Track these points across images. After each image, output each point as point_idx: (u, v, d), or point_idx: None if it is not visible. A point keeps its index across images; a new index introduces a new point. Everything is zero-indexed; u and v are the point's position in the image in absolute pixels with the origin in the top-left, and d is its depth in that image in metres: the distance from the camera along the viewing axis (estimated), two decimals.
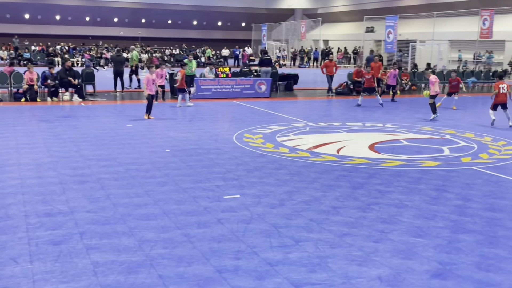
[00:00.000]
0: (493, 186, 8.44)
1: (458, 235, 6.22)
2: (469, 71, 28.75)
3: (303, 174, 9.05)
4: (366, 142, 12.08)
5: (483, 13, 31.55)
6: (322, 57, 46.51)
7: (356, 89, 23.13)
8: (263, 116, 16.03)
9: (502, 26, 35.26)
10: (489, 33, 31.15)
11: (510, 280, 5.04)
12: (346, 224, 6.57)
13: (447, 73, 27.64)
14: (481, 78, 27.70)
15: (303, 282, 4.95)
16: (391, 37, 35.62)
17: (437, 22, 37.04)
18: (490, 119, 14.70)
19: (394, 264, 5.39)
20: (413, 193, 7.96)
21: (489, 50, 37.54)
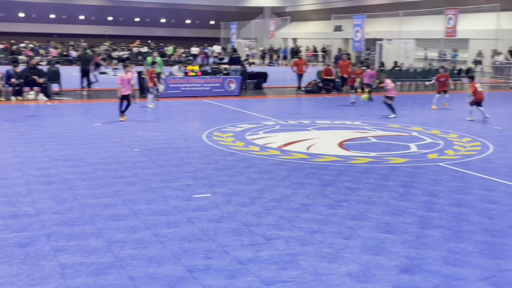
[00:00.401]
0: (458, 182, 8.62)
1: (425, 231, 6.33)
2: (435, 69, 29.26)
3: (274, 172, 9.08)
4: (335, 139, 12.18)
5: (448, 12, 32.17)
6: (291, 55, 46.71)
7: (325, 87, 23.33)
8: (233, 114, 16.00)
9: (466, 25, 36.03)
10: (454, 32, 31.79)
11: (476, 274, 5.16)
12: (316, 221, 6.61)
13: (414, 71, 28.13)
14: None
15: (274, 280, 4.96)
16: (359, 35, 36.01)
17: (404, 21, 37.62)
18: (469, 117, 15.29)
19: (364, 260, 5.45)
20: (381, 190, 8.07)
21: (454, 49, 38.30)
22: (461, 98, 21.29)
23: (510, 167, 9.67)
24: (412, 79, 27.45)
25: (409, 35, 39.44)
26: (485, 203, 7.47)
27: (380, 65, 31.33)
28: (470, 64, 35.62)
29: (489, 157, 10.52)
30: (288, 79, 30.39)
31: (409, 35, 39.31)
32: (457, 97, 23.05)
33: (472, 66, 34.61)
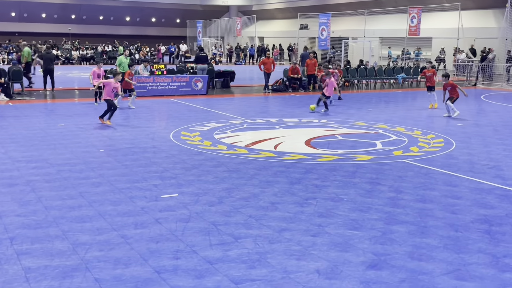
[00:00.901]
0: (423, 178, 8.78)
1: (391, 226, 6.42)
2: (399, 67, 29.77)
3: (242, 171, 9.07)
4: (302, 137, 12.25)
5: (411, 11, 32.75)
6: (258, 54, 46.79)
7: (292, 86, 23.44)
8: (200, 113, 15.92)
9: (429, 23, 36.78)
10: (417, 30, 32.38)
11: (440, 268, 5.26)
12: (284, 219, 6.64)
13: (379, 69, 28.54)
14: (410, 73, 28.74)
15: (243, 279, 4.96)
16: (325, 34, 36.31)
17: (368, 19, 38.12)
18: (453, 113, 15.57)
19: (332, 257, 5.49)
20: (348, 187, 8.15)
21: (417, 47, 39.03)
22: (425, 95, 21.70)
23: (473, 162, 9.91)
24: (377, 77, 27.84)
25: (374, 34, 40.03)
26: (449, 198, 7.63)
27: (345, 63, 31.66)
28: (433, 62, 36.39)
29: (452, 153, 10.75)
30: (255, 77, 30.46)
31: (373, 33, 39.90)
32: (421, 94, 23.50)
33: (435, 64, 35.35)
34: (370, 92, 24.04)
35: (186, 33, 56.55)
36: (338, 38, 42.26)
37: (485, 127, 14.16)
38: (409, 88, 26.19)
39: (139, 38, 56.60)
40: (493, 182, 8.54)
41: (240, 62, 47.24)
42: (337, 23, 43.74)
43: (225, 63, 46.45)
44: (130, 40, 53.35)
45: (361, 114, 16.24)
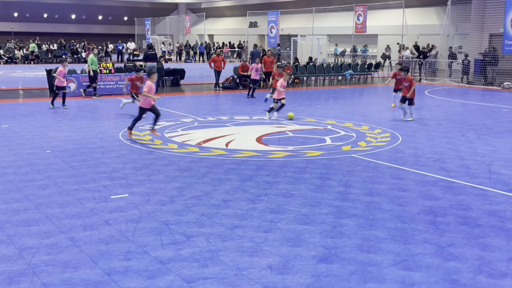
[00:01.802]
0: (371, 172, 8.99)
1: (341, 220, 6.55)
2: (347, 64, 30.34)
3: (193, 169, 9.03)
4: (253, 135, 12.31)
5: (357, 9, 33.40)
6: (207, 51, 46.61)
7: (243, 83, 23.48)
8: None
9: (375, 21, 37.62)
10: (363, 28, 33.07)
11: (389, 259, 5.41)
12: (236, 216, 6.65)
13: (327, 66, 28.98)
14: (358, 70, 29.34)
15: (196, 278, 4.94)
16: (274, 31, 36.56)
17: (316, 17, 38.61)
18: (408, 116, 14.73)
19: (283, 252, 5.55)
20: (299, 182, 8.25)
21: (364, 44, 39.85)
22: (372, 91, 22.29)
23: (418, 156, 10.22)
24: (326, 74, 28.27)
25: (322, 31, 40.60)
26: (396, 191, 7.85)
27: (294, 60, 31.98)
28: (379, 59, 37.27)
29: (398, 147, 11.05)
30: (205, 75, 30.32)
31: (321, 31, 40.46)
32: (368, 90, 24.04)
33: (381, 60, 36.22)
34: (319, 89, 24.38)
35: (134, 31, 55.64)
36: (287, 35, 42.64)
37: (429, 121, 14.62)
38: (356, 85, 26.72)
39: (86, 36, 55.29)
40: (437, 174, 8.84)
41: (190, 60, 46.92)
42: (286, 20, 44.11)
43: (175, 61, 46.04)
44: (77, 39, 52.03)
45: (311, 111, 16.46)
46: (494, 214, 6.83)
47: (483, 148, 10.99)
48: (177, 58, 47.68)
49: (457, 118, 15.19)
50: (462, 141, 11.68)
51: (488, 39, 30.11)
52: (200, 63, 45.16)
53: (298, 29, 44.32)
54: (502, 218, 6.67)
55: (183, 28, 50.62)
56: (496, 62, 26.70)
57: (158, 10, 58.31)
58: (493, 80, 26.16)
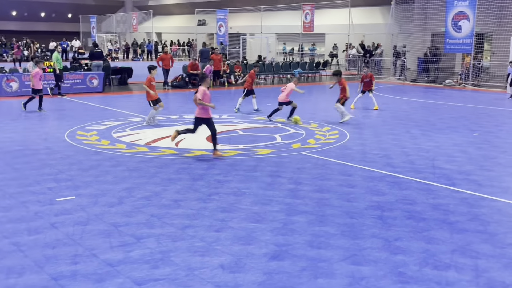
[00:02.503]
0: (320, 169, 9.12)
1: (292, 217, 6.61)
2: (295, 63, 30.63)
3: (142, 169, 8.89)
4: (204, 134, 12.22)
5: (304, 8, 33.79)
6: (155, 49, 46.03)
7: (192, 82, 23.31)
8: (96, 112, 15.37)
9: (322, 20, 38.16)
10: (311, 27, 33.50)
11: (338, 254, 5.50)
12: (187, 216, 6.60)
13: (276, 64, 29.17)
14: (306, 68, 29.68)
15: (146, 279, 4.87)
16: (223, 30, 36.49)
17: (264, 16, 38.79)
18: (343, 116, 14.08)
19: (235, 250, 5.55)
20: (250, 181, 8.27)
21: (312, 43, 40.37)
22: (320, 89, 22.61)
23: (365, 152, 10.45)
24: (275, 73, 28.45)
25: (270, 30, 40.81)
26: (344, 187, 7.99)
27: (242, 59, 32.04)
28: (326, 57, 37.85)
29: (346, 144, 11.26)
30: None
31: (270, 29, 40.67)
32: (316, 88, 24.37)
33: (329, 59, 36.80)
34: (269, 87, 24.52)
35: (79, 28, 54.24)
36: (236, 34, 42.64)
37: (376, 118, 14.97)
38: (305, 83, 27.03)
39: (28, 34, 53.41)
40: (384, 170, 9.06)
41: (138, 58, 46.18)
42: (234, 19, 44.08)
43: (122, 59, 45.19)
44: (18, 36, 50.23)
45: (261, 109, 16.52)
46: (438, 207, 7.06)
47: (427, 144, 11.34)
48: (124, 57, 46.82)
49: (402, 115, 15.62)
50: (407, 138, 12.02)
51: (430, 38, 31.14)
52: (149, 61, 44.51)
53: (247, 27, 44.42)
54: (446, 211, 6.91)
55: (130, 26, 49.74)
56: (439, 61, 27.62)
57: (103, 8, 57.05)
58: (435, 78, 27.05)
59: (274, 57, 37.28)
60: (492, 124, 14.04)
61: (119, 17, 53.78)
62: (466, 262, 5.31)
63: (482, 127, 13.48)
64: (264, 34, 37.92)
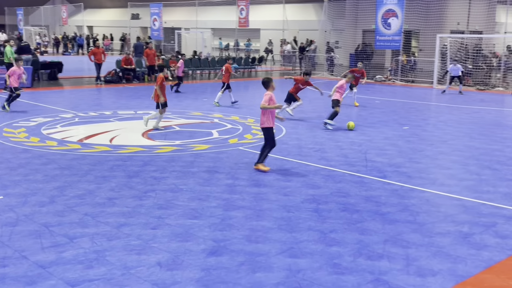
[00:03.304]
0: None
1: (229, 212, 6.62)
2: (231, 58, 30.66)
3: (75, 167, 8.62)
4: (139, 129, 12.02)
5: (239, 3, 33.85)
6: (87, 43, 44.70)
7: (126, 77, 22.83)
8: (25, 107, 14.75)
9: (257, 15, 38.37)
10: (246, 22, 33.61)
11: (276, 248, 5.56)
12: (123, 214, 6.47)
13: (212, 59, 29.06)
14: (242, 64, 29.77)
15: (80, 280, 4.73)
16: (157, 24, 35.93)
17: (200, 10, 38.56)
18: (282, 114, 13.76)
19: (173, 248, 5.50)
20: (187, 177, 8.21)
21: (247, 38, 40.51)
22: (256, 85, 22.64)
23: (300, 147, 10.62)
24: (211, 68, 28.34)
25: (206, 25, 40.61)
26: (281, 181, 8.09)
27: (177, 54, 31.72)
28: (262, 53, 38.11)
29: (282, 139, 11.39)
30: (86, 68, 29.06)
31: (205, 24, 40.47)
32: (252, 84, 24.49)
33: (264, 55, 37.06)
34: (205, 82, 24.40)
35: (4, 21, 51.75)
36: (171, 28, 42.10)
37: (310, 113, 15.24)
38: (241, 78, 27.11)
39: None
40: (318, 164, 9.24)
41: (69, 52, 44.67)
42: (169, 13, 43.51)
43: (52, 53, 43.56)
44: None
45: (197, 104, 16.43)
46: (371, 199, 7.29)
47: (359, 138, 11.67)
48: (54, 51, 45.16)
49: None
50: (340, 132, 12.31)
51: (361, 35, 32.02)
52: (80, 55, 43.15)
53: (182, 22, 43.96)
54: (378, 203, 7.14)
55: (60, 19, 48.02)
56: (370, 57, 28.44)
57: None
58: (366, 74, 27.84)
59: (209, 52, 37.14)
60: (420, 118, 14.64)
61: (48, 9, 51.78)
62: (397, 251, 5.52)
63: (411, 121, 14.03)
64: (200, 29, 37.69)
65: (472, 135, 12.10)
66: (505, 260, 5.35)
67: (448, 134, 12.19)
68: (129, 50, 35.48)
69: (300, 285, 4.73)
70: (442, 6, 27.94)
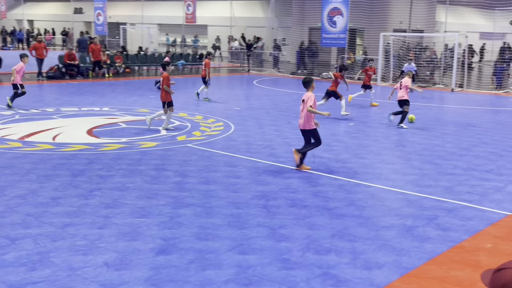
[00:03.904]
0: (206, 160, 9.14)
1: (178, 210, 6.56)
2: (178, 54, 30.34)
3: (16, 166, 8.31)
4: (83, 127, 11.72)
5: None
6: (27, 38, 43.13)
7: (69, 72, 22.20)
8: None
9: (205, 12, 38.15)
10: (193, 18, 33.34)
11: (226, 245, 5.56)
12: (68, 214, 6.29)
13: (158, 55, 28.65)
14: (189, 60, 29.52)
15: (23, 283, 4.57)
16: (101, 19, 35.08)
17: (145, 5, 37.93)
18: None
19: (120, 247, 5.40)
20: (134, 175, 8.07)
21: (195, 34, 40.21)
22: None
23: (249, 143, 10.65)
24: (157, 64, 27.94)
25: (152, 20, 40.03)
26: (230, 178, 8.09)
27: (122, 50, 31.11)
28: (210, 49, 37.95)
29: (231, 135, 11.39)
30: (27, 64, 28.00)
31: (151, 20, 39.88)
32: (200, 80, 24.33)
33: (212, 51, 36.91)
34: (152, 79, 24.04)
35: None
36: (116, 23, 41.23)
37: (259, 110, 15.31)
38: (189, 75, 26.89)
39: None
40: (267, 160, 9.30)
41: (8, 47, 42.98)
42: (113, 8, 42.59)
43: None
44: None
45: (144, 101, 16.18)
46: (318, 195, 7.40)
47: None
48: None
49: (283, 107, 16.13)
50: (288, 128, 12.43)
51: (308, 32, 32.42)
52: (20, 50, 41.58)
53: (127, 17, 43.15)
54: (325, 198, 7.26)
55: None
56: (316, 54, 28.84)
57: None
58: (313, 71, 28.22)
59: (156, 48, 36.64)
60: (365, 115, 14.98)
61: None
62: (344, 245, 5.63)
63: (356, 118, 14.34)
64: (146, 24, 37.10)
65: (414, 131, 12.49)
66: (447, 252, 5.56)
67: (392, 130, 12.54)
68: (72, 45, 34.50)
69: (250, 281, 4.75)
70: (385, 5, 28.70)
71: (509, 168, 9.08)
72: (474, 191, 7.71)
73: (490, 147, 10.81)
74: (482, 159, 9.69)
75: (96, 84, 20.11)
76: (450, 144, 11.10)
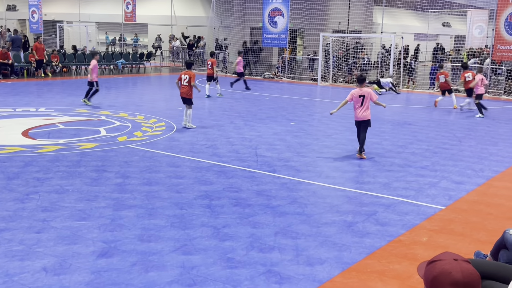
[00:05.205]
0: (148, 161, 9.02)
1: (120, 212, 6.45)
2: (118, 53, 29.74)
3: None
4: (18, 128, 11.30)
5: None
6: None
7: (2, 72, 21.31)
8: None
9: (145, 10, 37.59)
10: (133, 17, 32.76)
11: (169, 246, 5.52)
12: (3, 219, 6.05)
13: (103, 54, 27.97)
14: (130, 59, 29.00)
15: None
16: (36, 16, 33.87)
17: (83, 3, 36.95)
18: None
19: (59, 251, 5.25)
20: (73, 177, 7.86)
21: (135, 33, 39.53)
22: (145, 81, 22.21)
23: (192, 143, 10.60)
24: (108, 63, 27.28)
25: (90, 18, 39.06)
26: (173, 178, 8.02)
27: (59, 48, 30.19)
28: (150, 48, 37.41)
29: (173, 135, 11.29)
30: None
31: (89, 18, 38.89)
32: (141, 80, 23.97)
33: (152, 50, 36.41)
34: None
35: None
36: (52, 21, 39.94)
37: (202, 110, 15.25)
38: (129, 74, 26.43)
39: None
40: (211, 160, 9.29)
41: None
42: (49, 5, 41.25)
43: None
44: None
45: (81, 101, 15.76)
46: (262, 193, 7.47)
47: (249, 133, 11.89)
48: None
49: (226, 106, 16.15)
50: (232, 128, 12.46)
51: (249, 32, 32.59)
52: None
53: (63, 14, 41.88)
54: (269, 196, 7.34)
55: None
56: (258, 54, 29.01)
57: None
58: (255, 71, 28.39)
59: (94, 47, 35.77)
60: (306, 114, 15.23)
61: None
62: (287, 242, 5.72)
63: (298, 117, 14.55)
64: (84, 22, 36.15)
65: (353, 129, 12.78)
66: (385, 246, 5.75)
67: (332, 129, 12.82)
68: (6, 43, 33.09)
69: (194, 282, 4.74)
70: (325, 6, 29.27)
71: (443, 164, 9.49)
72: (410, 187, 8.01)
73: (425, 144, 11.25)
74: (418, 156, 10.08)
75: (32, 84, 19.41)
76: (388, 141, 11.47)
